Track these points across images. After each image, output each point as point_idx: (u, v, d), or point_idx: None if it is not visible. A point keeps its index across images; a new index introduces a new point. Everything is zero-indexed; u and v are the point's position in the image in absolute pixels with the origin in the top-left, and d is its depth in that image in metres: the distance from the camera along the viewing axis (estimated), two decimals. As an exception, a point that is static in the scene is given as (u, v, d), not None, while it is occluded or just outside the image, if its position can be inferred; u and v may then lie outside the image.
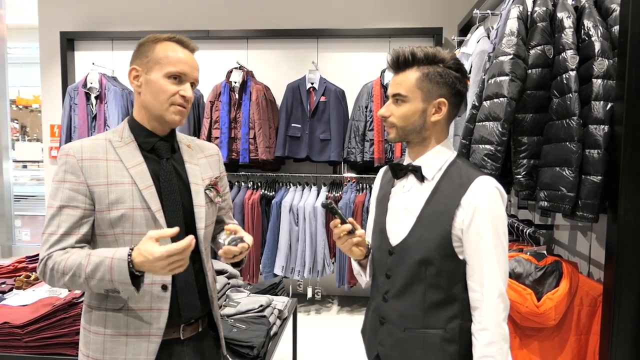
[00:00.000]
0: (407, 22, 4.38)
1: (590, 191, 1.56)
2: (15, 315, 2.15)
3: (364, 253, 1.38)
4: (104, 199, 1.29)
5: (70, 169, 1.29)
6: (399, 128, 1.29)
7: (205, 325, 1.46)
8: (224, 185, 1.57)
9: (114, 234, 1.30)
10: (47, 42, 4.73)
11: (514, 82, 1.67)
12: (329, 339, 3.71)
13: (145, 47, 1.35)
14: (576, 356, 1.70)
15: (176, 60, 1.33)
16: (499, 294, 1.21)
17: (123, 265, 1.18)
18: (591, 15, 1.66)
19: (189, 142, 1.50)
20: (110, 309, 1.32)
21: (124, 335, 1.32)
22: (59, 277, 1.24)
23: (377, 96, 4.10)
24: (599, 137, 1.55)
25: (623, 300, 1.47)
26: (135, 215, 1.30)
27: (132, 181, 1.31)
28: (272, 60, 4.56)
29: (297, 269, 4.14)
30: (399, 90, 1.26)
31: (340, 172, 4.45)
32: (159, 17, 4.59)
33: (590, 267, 1.97)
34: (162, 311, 1.32)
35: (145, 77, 1.34)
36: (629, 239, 1.46)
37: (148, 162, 1.36)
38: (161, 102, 1.33)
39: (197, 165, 1.46)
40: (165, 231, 1.19)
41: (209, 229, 1.44)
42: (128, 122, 1.40)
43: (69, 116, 4.36)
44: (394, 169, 1.36)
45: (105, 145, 1.35)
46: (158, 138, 1.38)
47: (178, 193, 1.37)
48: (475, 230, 1.21)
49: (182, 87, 1.34)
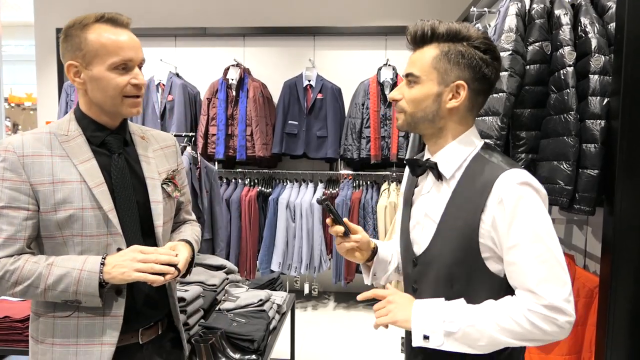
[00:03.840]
0: (404, 20, 4.41)
1: (587, 184, 1.59)
2: (15, 309, 2.16)
3: (365, 257, 1.25)
4: (49, 198, 1.18)
5: (10, 166, 1.17)
6: (407, 114, 1.11)
7: (165, 327, 1.38)
8: (182, 178, 1.46)
9: (62, 235, 1.20)
10: (43, 39, 4.72)
11: (512, 78, 1.70)
12: (326, 334, 3.74)
13: (74, 37, 1.20)
14: (573, 346, 1.74)
15: (116, 48, 1.18)
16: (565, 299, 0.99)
17: (94, 277, 1.14)
18: (588, 13, 1.70)
19: (142, 133, 1.38)
20: (59, 317, 1.22)
21: (74, 345, 1.21)
22: (8, 287, 1.15)
23: (373, 93, 4.12)
24: (596, 132, 1.58)
25: (619, 292, 1.50)
26: (85, 216, 1.19)
27: (80, 179, 1.20)
28: (269, 58, 4.57)
29: (294, 265, 4.17)
30: (412, 70, 1.09)
31: (336, 169, 4.47)
32: (155, 14, 4.59)
33: (586, 260, 2.01)
34: (117, 317, 1.22)
35: (86, 72, 1.20)
36: (625, 231, 1.48)
37: (98, 158, 1.24)
38: (113, 98, 1.21)
39: (153, 157, 1.35)
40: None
41: (167, 226, 1.35)
42: (75, 114, 1.27)
43: (65, 113, 4.35)
44: (412, 165, 1.18)
45: (50, 140, 1.22)
46: (108, 131, 1.27)
47: (132, 189, 1.27)
48: (509, 239, 1.00)
49: (131, 75, 1.21)
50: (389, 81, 4.11)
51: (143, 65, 1.26)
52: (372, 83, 4.15)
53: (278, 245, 4.16)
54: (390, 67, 4.16)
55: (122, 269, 1.15)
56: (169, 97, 4.24)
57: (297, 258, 4.16)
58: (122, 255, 1.18)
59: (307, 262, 4.14)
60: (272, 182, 4.47)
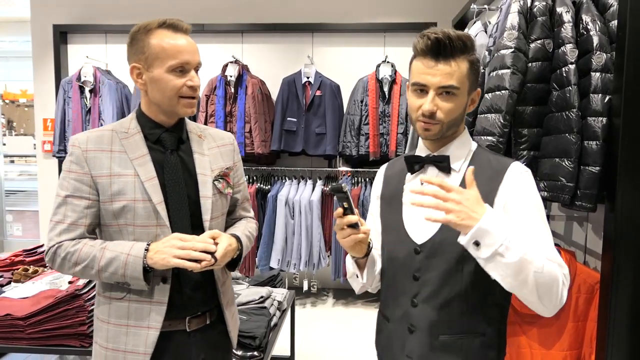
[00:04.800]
0: (402, 17, 4.41)
1: (588, 181, 1.60)
2: (17, 307, 2.15)
3: (365, 251, 1.22)
4: (106, 190, 1.30)
5: (76, 159, 1.31)
6: (444, 124, 1.13)
7: (214, 318, 1.44)
8: (238, 176, 1.54)
9: (118, 224, 1.32)
10: (40, 35, 4.68)
11: (515, 75, 1.70)
12: (325, 331, 3.75)
13: (139, 41, 1.31)
14: (574, 342, 1.75)
15: (175, 51, 1.28)
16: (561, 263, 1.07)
17: (138, 262, 1.24)
18: (589, 10, 1.71)
19: (200, 132, 1.47)
20: (115, 298, 1.34)
21: (125, 326, 1.33)
22: (70, 266, 1.29)
23: (372, 90, 4.12)
24: (598, 129, 1.59)
25: (620, 287, 1.51)
26: (137, 207, 1.30)
27: (134, 173, 1.31)
28: (267, 55, 4.56)
29: (293, 262, 4.17)
30: (452, 82, 1.10)
31: (335, 166, 4.47)
32: (153, 10, 4.57)
33: (586, 257, 2.02)
34: (162, 303, 1.32)
35: (147, 74, 1.31)
36: (626, 228, 1.49)
37: (153, 154, 1.35)
38: (170, 98, 1.31)
39: (207, 155, 1.43)
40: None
41: (216, 221, 1.42)
42: (136, 114, 1.39)
43: (62, 110, 4.33)
44: (410, 162, 1.22)
45: (111, 137, 1.34)
46: (164, 129, 1.37)
47: (183, 185, 1.36)
48: (520, 206, 1.10)
49: (187, 77, 1.30)
50: (387, 78, 4.11)
51: (200, 68, 1.35)
52: (370, 80, 4.15)
53: (277, 242, 4.16)
54: (389, 64, 4.15)
55: (162, 255, 1.24)
56: (167, 94, 4.22)
57: (296, 255, 4.17)
58: (163, 242, 1.26)
59: (306, 259, 4.14)
60: (271, 179, 4.47)
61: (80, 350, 2.08)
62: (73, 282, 2.31)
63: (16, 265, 2.82)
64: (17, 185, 6.41)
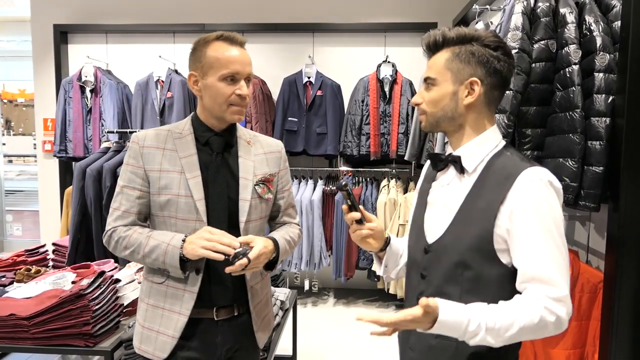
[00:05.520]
0: (403, 17, 4.42)
1: (592, 181, 1.61)
2: (20, 307, 2.15)
3: (380, 246, 1.28)
4: (155, 183, 1.44)
5: (133, 154, 1.46)
6: (428, 114, 1.19)
7: (242, 311, 1.52)
8: (283, 183, 1.62)
9: (163, 216, 1.45)
10: (40, 35, 4.67)
11: (519, 76, 1.71)
12: (326, 330, 3.75)
13: (198, 51, 1.42)
14: (577, 341, 1.76)
15: (227, 62, 1.38)
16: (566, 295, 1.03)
17: (176, 252, 1.37)
18: (592, 11, 1.72)
19: (249, 138, 1.56)
20: (155, 282, 1.48)
21: (161, 308, 1.46)
22: (121, 250, 1.44)
23: (373, 90, 4.13)
24: (601, 129, 1.60)
25: (623, 287, 1.52)
26: (179, 202, 1.42)
27: (181, 170, 1.43)
28: (268, 54, 4.56)
29: (294, 261, 4.18)
30: (429, 74, 1.18)
31: (336, 166, 4.48)
32: (154, 10, 4.57)
33: (589, 256, 2.03)
34: (193, 292, 1.43)
35: (202, 81, 1.42)
36: (630, 227, 1.51)
37: (200, 154, 1.46)
38: (220, 105, 1.41)
39: (252, 161, 1.52)
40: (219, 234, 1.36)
41: (254, 224, 1.50)
42: (192, 117, 1.51)
43: (63, 110, 4.33)
44: (433, 160, 1.24)
45: (166, 136, 1.47)
46: (213, 133, 1.47)
47: (224, 185, 1.46)
48: (524, 219, 1.05)
49: (237, 86, 1.40)
50: (388, 78, 4.12)
51: (250, 79, 1.45)
52: (371, 80, 4.16)
53: (278, 242, 4.16)
54: (390, 63, 4.16)
55: (193, 245, 1.34)
56: (168, 94, 4.23)
57: (297, 254, 4.17)
58: (196, 234, 1.37)
59: (307, 259, 4.15)
60: (272, 179, 4.46)
61: (85, 350, 2.08)
62: (76, 281, 2.31)
63: (18, 265, 2.83)
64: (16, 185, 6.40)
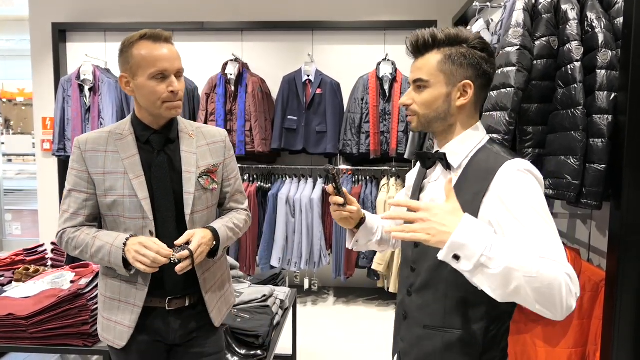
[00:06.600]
0: (402, 15, 4.40)
1: (594, 179, 1.60)
2: (19, 307, 2.14)
3: (354, 224, 1.38)
4: (101, 185, 1.49)
5: (76, 158, 1.51)
6: (421, 116, 1.19)
7: (194, 301, 1.58)
8: (229, 171, 1.65)
9: (112, 215, 1.51)
10: (38, 33, 4.65)
11: (520, 73, 1.70)
12: (326, 329, 3.74)
13: (125, 52, 1.44)
14: (579, 340, 1.75)
15: (154, 60, 1.41)
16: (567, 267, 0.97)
17: (119, 252, 1.43)
18: (594, 8, 1.70)
19: (191, 131, 1.59)
20: (109, 276, 1.55)
21: (117, 301, 1.54)
22: (72, 249, 1.51)
23: (372, 88, 4.12)
24: (603, 127, 1.58)
25: (625, 285, 1.52)
26: (125, 202, 1.48)
27: (124, 171, 1.48)
28: (267, 53, 4.55)
29: (294, 260, 4.17)
30: (420, 75, 1.17)
31: (336, 164, 4.46)
32: (152, 8, 4.55)
33: (590, 255, 2.02)
34: (144, 286, 1.50)
35: (133, 82, 1.45)
36: (632, 226, 1.50)
37: (142, 154, 1.51)
38: (153, 103, 1.44)
39: (194, 153, 1.55)
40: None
41: (200, 215, 1.55)
42: (131, 117, 1.55)
43: (62, 108, 4.31)
44: (422, 158, 1.27)
45: (107, 138, 1.51)
46: (152, 131, 1.51)
47: (169, 181, 1.51)
48: (510, 205, 1.04)
49: (167, 82, 1.43)
50: (388, 76, 4.11)
51: (181, 74, 1.47)
52: (371, 78, 4.14)
53: (278, 241, 4.16)
54: (389, 62, 4.15)
55: (130, 253, 1.41)
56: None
57: (297, 253, 4.16)
58: (132, 242, 1.42)
59: (307, 258, 4.14)
60: (272, 178, 4.46)
61: (84, 349, 2.07)
62: (75, 281, 2.30)
63: (17, 264, 2.81)
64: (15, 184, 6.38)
